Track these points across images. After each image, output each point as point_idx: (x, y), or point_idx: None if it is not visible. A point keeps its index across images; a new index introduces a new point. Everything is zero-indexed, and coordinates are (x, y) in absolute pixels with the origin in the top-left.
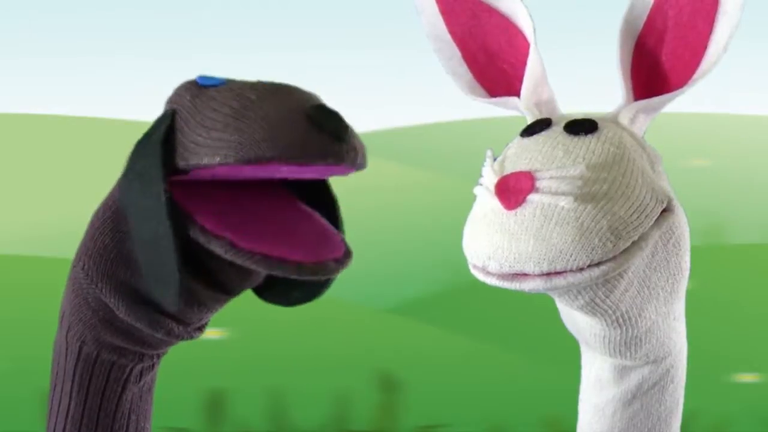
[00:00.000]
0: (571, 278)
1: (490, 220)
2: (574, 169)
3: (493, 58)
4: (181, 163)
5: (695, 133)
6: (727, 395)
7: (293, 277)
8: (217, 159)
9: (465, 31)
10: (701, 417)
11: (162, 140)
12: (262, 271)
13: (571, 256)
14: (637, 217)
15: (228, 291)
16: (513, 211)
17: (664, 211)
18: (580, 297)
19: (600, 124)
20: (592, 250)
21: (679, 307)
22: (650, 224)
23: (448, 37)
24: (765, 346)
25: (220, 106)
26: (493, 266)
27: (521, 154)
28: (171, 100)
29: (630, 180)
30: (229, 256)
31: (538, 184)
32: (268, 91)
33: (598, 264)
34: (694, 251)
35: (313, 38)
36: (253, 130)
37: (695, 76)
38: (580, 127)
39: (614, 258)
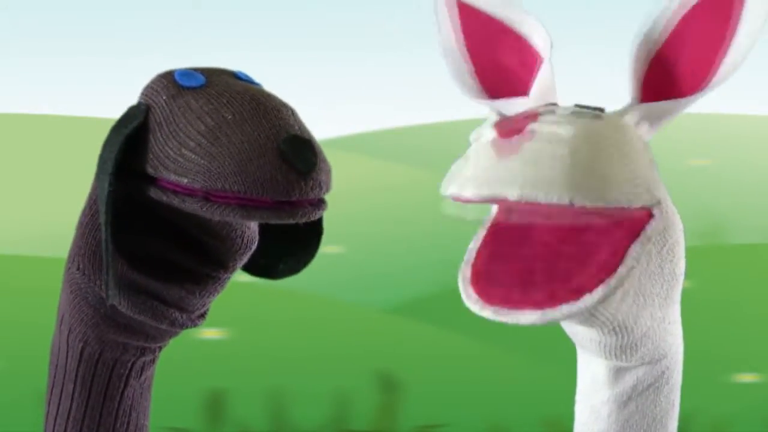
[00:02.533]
0: (566, 310)
1: (481, 147)
2: (581, 113)
3: (504, 75)
4: (150, 171)
5: (695, 133)
6: (727, 395)
7: (272, 221)
8: (185, 180)
9: (480, 48)
10: (701, 417)
11: (128, 134)
12: (241, 221)
13: (553, 185)
14: (628, 189)
15: (223, 265)
16: (508, 139)
17: (650, 217)
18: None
19: (606, 114)
20: (577, 188)
21: (674, 311)
22: (634, 206)
23: (463, 51)
24: (765, 346)
25: (195, 120)
26: (469, 190)
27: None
28: (146, 94)
29: (629, 152)
30: (205, 212)
31: (541, 117)
32: (244, 111)
33: (591, 292)
34: (694, 251)
35: (314, 38)
36: (224, 159)
37: (707, 86)
38: (587, 109)
39: (607, 284)
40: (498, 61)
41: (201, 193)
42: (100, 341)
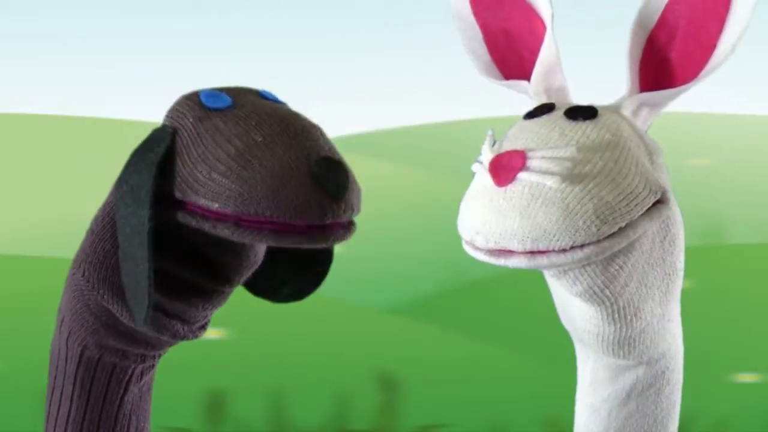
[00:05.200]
0: (554, 258)
1: (482, 195)
2: (565, 150)
3: (512, 43)
4: (177, 195)
5: (695, 133)
6: (727, 395)
7: (303, 246)
8: (216, 205)
9: (489, 13)
10: (701, 417)
11: (159, 161)
12: (268, 244)
13: (554, 237)
14: (626, 204)
15: (229, 280)
16: (503, 188)
17: (658, 202)
18: (578, 283)
19: (600, 112)
20: (576, 232)
21: (674, 309)
22: (640, 213)
23: (471, 17)
24: (765, 346)
25: (224, 142)
26: (480, 241)
27: (519, 135)
28: (172, 116)
29: (622, 167)
30: (236, 237)
31: (529, 162)
32: (274, 133)
33: (581, 246)
34: (694, 251)
35: (314, 38)
36: (255, 182)
37: (702, 73)
38: (580, 112)
39: (598, 242)
40: (506, 27)
41: (232, 219)
42: (99, 346)
